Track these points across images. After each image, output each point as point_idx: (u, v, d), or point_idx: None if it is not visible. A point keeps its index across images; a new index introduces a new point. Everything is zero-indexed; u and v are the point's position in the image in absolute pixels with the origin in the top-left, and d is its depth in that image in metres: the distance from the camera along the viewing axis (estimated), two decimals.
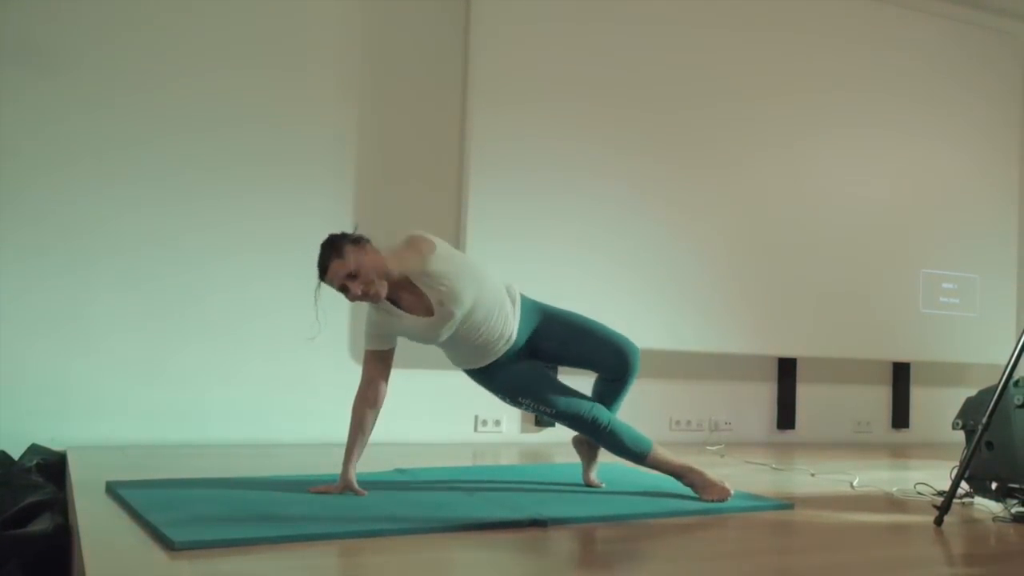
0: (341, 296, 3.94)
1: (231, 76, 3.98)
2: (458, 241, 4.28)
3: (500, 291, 2.71)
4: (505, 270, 4.16)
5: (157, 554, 1.88)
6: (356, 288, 2.51)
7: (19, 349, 3.58)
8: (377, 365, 2.68)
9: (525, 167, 4.31)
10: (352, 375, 4.04)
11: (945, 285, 5.42)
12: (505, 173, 4.27)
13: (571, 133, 4.42)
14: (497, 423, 4.34)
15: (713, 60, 4.81)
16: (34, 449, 3.37)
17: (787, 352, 5.06)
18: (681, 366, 4.79)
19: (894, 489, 3.24)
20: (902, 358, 5.38)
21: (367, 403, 2.67)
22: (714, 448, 4.51)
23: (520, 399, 2.77)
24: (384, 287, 2.53)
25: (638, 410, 3.05)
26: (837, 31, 5.17)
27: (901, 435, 5.46)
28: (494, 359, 2.73)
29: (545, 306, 2.86)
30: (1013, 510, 2.71)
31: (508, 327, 2.70)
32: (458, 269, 2.60)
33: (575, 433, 2.91)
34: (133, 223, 3.79)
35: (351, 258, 2.50)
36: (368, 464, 3.22)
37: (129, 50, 3.81)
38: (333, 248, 2.54)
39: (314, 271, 2.44)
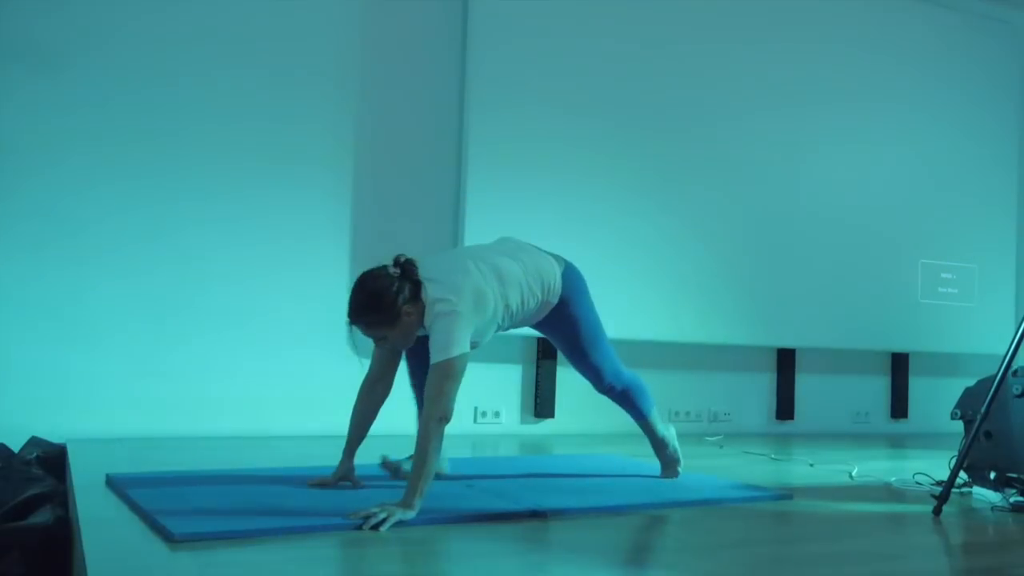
0: (337, 287, 3.99)
1: (229, 71, 3.96)
2: (456, 233, 4.27)
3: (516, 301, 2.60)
4: None
5: (157, 546, 1.89)
6: (384, 345, 2.51)
7: (19, 342, 3.58)
8: (385, 358, 2.65)
9: (525, 157, 4.30)
10: (351, 367, 4.06)
11: (944, 275, 5.42)
12: (504, 163, 4.26)
13: (571, 122, 4.41)
14: (496, 414, 4.35)
15: (711, 51, 4.79)
16: (34, 442, 3.37)
17: (786, 343, 5.06)
18: (680, 357, 4.79)
19: (893, 479, 3.24)
20: (901, 348, 5.39)
21: (370, 397, 2.65)
22: (713, 439, 4.52)
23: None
24: (410, 342, 2.52)
25: None
26: (835, 20, 5.15)
27: (900, 425, 5.47)
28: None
29: (574, 298, 2.75)
30: (1011, 499, 2.72)
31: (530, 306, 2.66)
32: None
33: (574, 425, 2.93)
34: (132, 216, 3.79)
35: (376, 332, 2.43)
36: (367, 456, 3.23)
37: (127, 46, 3.79)
38: (358, 316, 2.41)
39: (315, 264, 2.35)
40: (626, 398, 2.93)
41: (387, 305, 2.37)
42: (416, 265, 2.44)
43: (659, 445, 3.02)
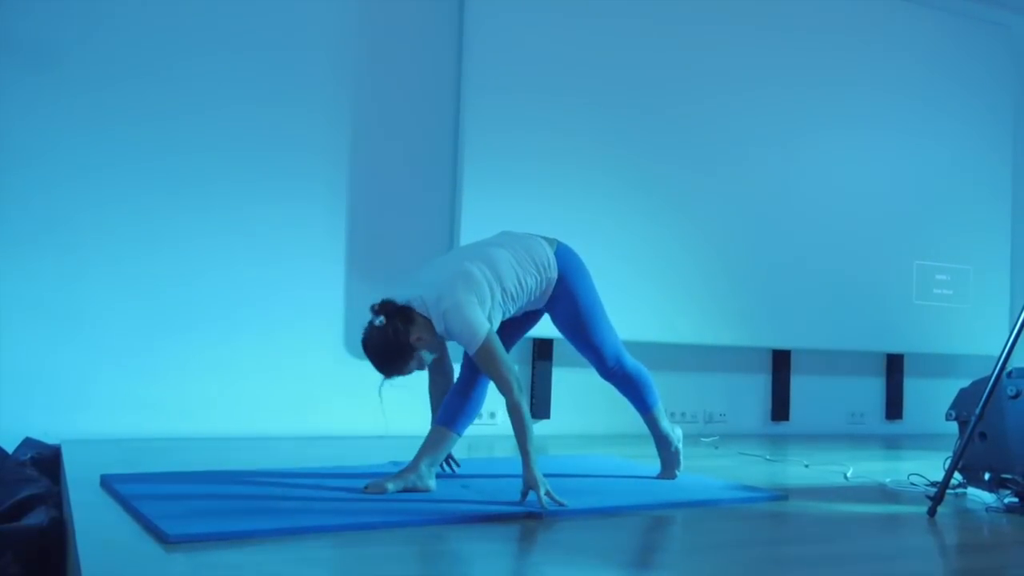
0: (333, 284, 4.05)
1: (224, 64, 3.95)
2: (453, 226, 4.28)
3: (513, 283, 2.66)
4: None
5: (152, 547, 1.89)
6: (423, 368, 2.65)
7: (13, 342, 3.57)
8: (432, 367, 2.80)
9: (519, 155, 4.30)
10: (347, 368, 4.08)
11: (939, 276, 5.43)
12: (499, 162, 4.26)
13: (565, 122, 4.41)
14: (492, 415, 4.34)
15: (708, 52, 4.80)
16: (28, 443, 3.36)
17: (781, 344, 5.06)
18: (676, 358, 4.80)
19: (888, 480, 3.25)
20: (896, 350, 5.40)
21: (436, 388, 2.85)
22: (709, 440, 4.52)
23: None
24: (439, 348, 2.66)
25: None
26: (830, 23, 5.16)
27: (895, 426, 5.48)
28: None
29: (570, 272, 2.79)
30: (1006, 500, 2.73)
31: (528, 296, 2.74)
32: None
33: (570, 425, 2.97)
34: (127, 215, 3.78)
35: (409, 368, 2.57)
36: (363, 456, 3.23)
37: (122, 43, 3.78)
38: (387, 371, 2.55)
39: (311, 260, 2.40)
40: (630, 385, 2.95)
41: (397, 349, 2.50)
42: (392, 299, 2.54)
43: (662, 442, 3.03)
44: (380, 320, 2.49)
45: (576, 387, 4.40)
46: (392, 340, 2.48)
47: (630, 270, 4.51)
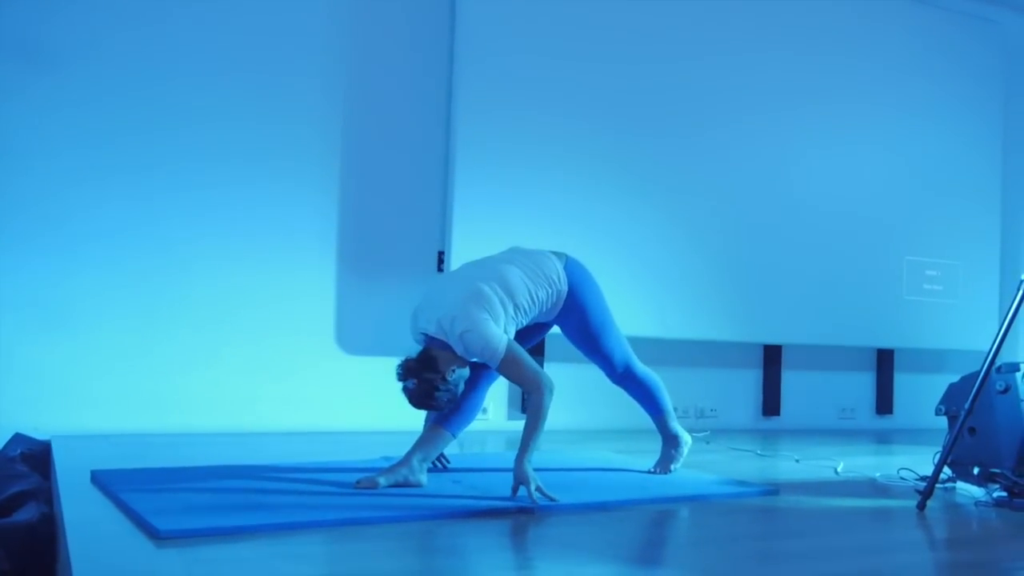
0: (324, 278, 4.07)
1: (218, 68, 3.94)
2: (444, 230, 4.27)
3: (525, 299, 2.69)
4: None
5: (142, 543, 1.88)
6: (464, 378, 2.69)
7: (3, 338, 3.55)
8: None
9: (510, 152, 4.29)
10: (338, 363, 4.07)
11: (928, 272, 5.45)
12: (490, 155, 4.25)
13: (557, 119, 4.40)
14: (484, 411, 4.33)
15: (698, 50, 4.79)
16: (18, 438, 3.35)
17: (772, 339, 5.07)
18: (667, 353, 4.79)
19: (878, 474, 3.26)
20: (886, 345, 5.41)
21: None
22: (700, 435, 4.52)
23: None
24: (467, 363, 2.64)
25: (624, 395, 3.09)
26: (820, 20, 5.16)
27: (885, 421, 5.50)
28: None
29: (580, 286, 2.85)
30: (995, 495, 2.74)
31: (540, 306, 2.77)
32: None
33: (560, 421, 2.97)
34: (118, 212, 3.76)
35: (455, 392, 2.62)
36: (355, 452, 3.22)
37: (117, 43, 3.76)
38: (437, 406, 2.61)
39: (302, 255, 2.41)
40: (640, 389, 3.01)
41: (440, 392, 2.55)
42: (407, 357, 2.56)
43: (670, 441, 3.06)
44: (412, 383, 2.54)
45: (568, 383, 4.36)
46: (430, 390, 2.54)
47: (621, 265, 4.50)
